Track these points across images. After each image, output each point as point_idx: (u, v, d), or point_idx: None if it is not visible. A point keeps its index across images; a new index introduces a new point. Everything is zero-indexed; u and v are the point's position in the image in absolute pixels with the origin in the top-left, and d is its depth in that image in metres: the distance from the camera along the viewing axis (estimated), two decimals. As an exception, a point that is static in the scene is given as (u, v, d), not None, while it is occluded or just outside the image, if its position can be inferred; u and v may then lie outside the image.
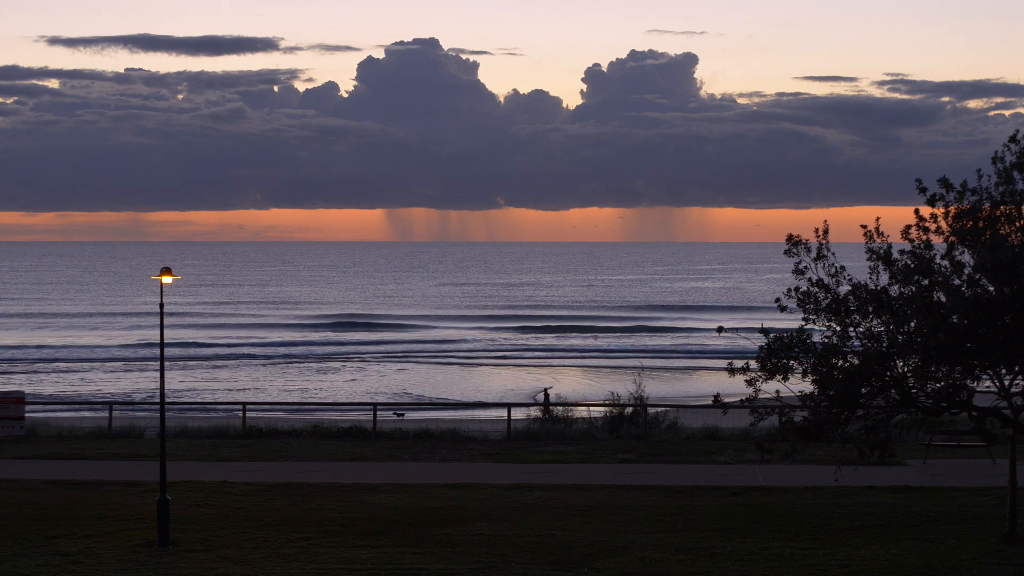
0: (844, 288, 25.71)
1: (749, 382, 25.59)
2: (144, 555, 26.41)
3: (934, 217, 25.57)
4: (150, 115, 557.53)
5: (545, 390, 57.24)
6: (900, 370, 25.48)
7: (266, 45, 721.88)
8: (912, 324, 25.20)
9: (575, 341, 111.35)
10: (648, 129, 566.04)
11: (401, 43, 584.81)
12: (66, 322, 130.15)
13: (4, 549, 26.76)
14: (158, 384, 31.05)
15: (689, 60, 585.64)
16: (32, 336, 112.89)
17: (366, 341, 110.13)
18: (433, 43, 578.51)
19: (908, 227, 25.58)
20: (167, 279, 27.84)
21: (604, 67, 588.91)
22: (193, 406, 58.73)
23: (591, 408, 48.82)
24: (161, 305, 28.48)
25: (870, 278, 25.58)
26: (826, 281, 25.69)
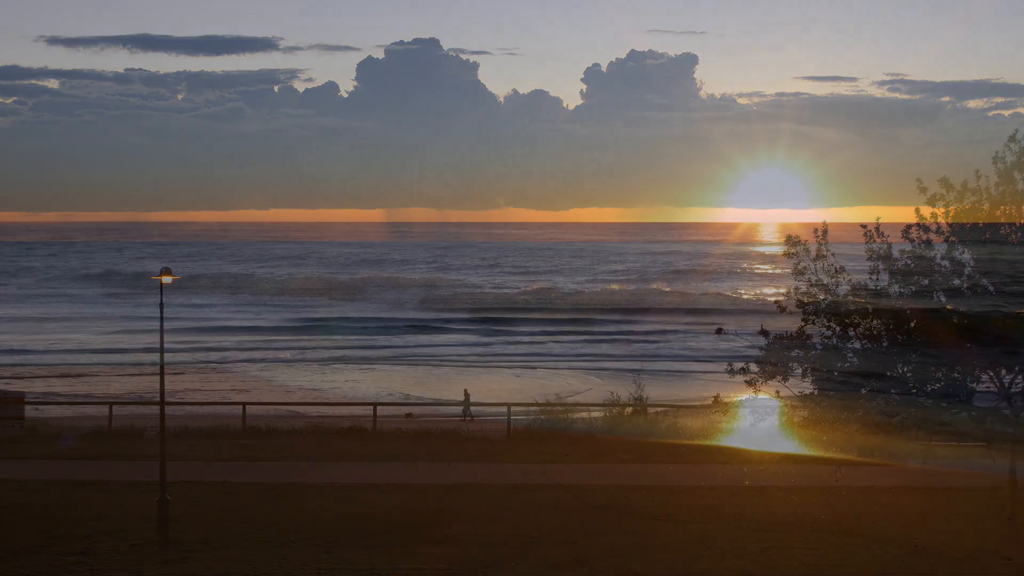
0: (844, 288, 25.74)
1: (749, 383, 25.63)
2: (144, 555, 26.42)
3: (934, 217, 25.61)
4: (150, 115, 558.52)
5: (465, 390, 56.99)
6: (900, 370, 25.50)
7: (266, 45, 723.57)
8: (912, 324, 25.23)
9: (575, 342, 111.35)
10: (648, 129, 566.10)
11: (401, 43, 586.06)
12: (66, 322, 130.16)
13: (4, 549, 26.77)
14: (158, 384, 31.04)
15: (689, 60, 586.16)
16: (32, 336, 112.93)
17: (366, 344, 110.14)
18: (433, 43, 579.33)
19: (908, 227, 25.63)
20: (167, 279, 27.85)
21: (604, 67, 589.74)
22: (193, 406, 58.64)
23: (591, 408, 48.81)
24: (161, 305, 28.48)
25: (870, 278, 25.61)
26: (826, 282, 25.71)
